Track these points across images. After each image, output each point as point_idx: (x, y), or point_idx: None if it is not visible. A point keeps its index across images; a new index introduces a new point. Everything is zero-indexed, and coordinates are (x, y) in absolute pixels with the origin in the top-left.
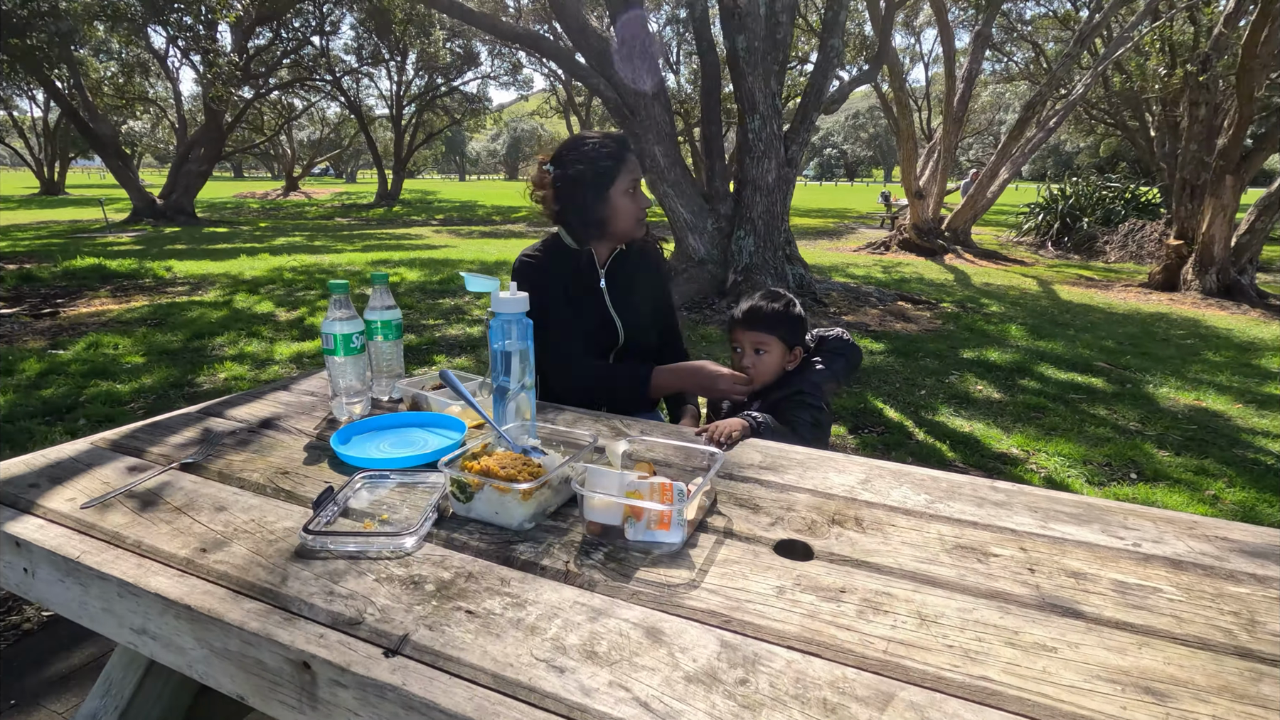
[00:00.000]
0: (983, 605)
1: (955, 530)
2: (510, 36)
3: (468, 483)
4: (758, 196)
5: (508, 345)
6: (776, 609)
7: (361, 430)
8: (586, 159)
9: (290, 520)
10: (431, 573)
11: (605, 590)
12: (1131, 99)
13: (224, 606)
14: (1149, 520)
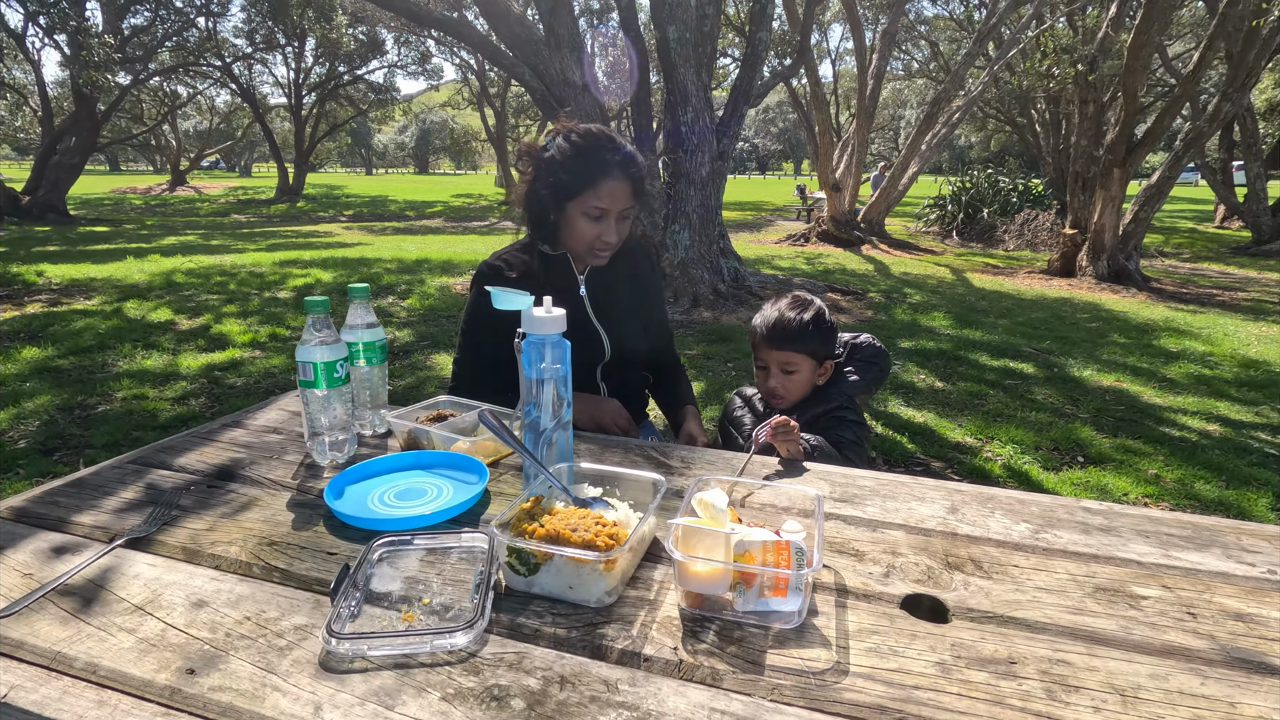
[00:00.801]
0: (1170, 668)
1: (1081, 567)
2: (429, 22)
3: (531, 553)
4: (692, 190)
5: (542, 371)
6: (951, 695)
7: (355, 478)
8: (572, 159)
9: (300, 614)
10: (513, 681)
11: (737, 685)
12: (1020, 97)
13: None
14: (1261, 539)
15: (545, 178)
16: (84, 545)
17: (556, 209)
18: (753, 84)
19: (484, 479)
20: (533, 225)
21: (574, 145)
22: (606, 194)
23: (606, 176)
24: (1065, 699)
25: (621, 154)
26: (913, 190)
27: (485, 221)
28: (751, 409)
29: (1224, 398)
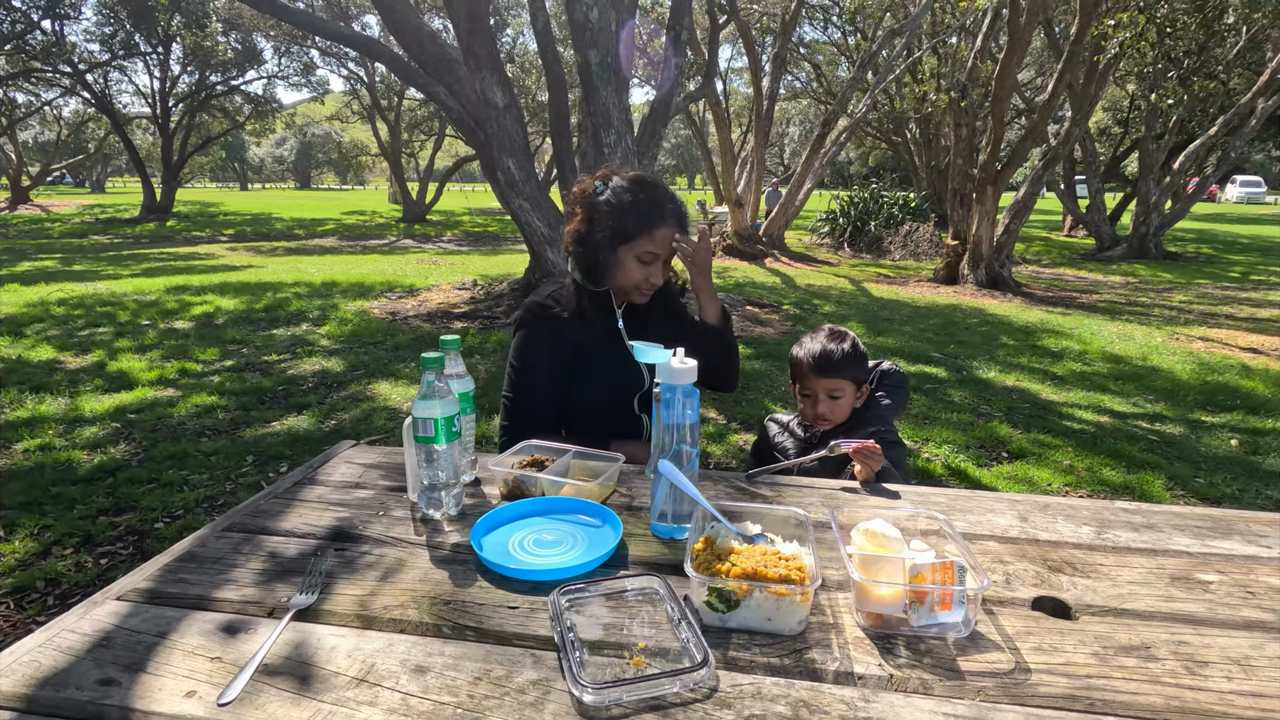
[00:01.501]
0: (1260, 638)
1: (1149, 561)
2: (337, 38)
3: (732, 590)
4: None
5: (682, 417)
6: (1119, 679)
7: (487, 529)
8: (626, 206)
9: (527, 670)
10: (766, 709)
11: (947, 692)
12: (895, 118)
13: None
14: (1266, 525)
15: (602, 221)
16: (249, 621)
17: (609, 251)
18: (670, 106)
19: (613, 523)
20: (583, 265)
21: (631, 193)
22: (660, 240)
23: (661, 224)
24: (1202, 673)
25: (675, 203)
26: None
27: (384, 240)
28: (791, 434)
29: (1105, 391)
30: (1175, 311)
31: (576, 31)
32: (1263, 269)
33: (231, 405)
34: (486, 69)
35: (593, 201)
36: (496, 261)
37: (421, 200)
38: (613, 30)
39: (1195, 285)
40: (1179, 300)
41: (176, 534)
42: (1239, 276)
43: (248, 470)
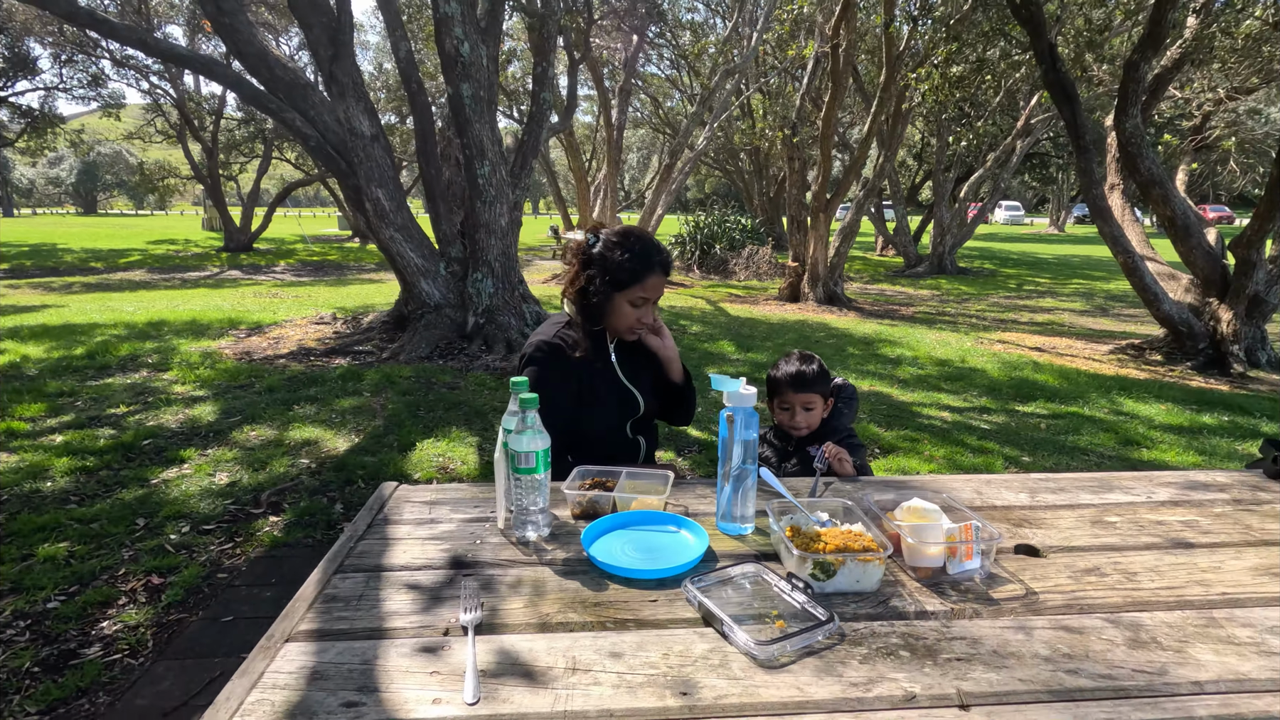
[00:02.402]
0: (1169, 550)
1: (1072, 513)
2: (169, 57)
3: (830, 562)
4: (493, 240)
5: (746, 434)
6: (1090, 590)
7: (589, 543)
8: (618, 258)
9: (700, 643)
10: (885, 643)
11: (995, 614)
12: (729, 149)
13: None
14: (1130, 481)
15: (599, 271)
16: (437, 641)
17: (605, 297)
18: (539, 138)
19: (690, 527)
20: (583, 309)
21: (623, 246)
22: (651, 286)
23: (651, 273)
24: (1135, 580)
25: (663, 254)
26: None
27: (206, 272)
28: (770, 444)
29: (940, 390)
30: (975, 319)
31: (447, 64)
32: (1031, 280)
33: (94, 465)
34: (351, 97)
35: (588, 254)
36: (348, 293)
37: (246, 227)
38: (485, 64)
39: (986, 296)
40: (976, 309)
41: (80, 610)
42: (1015, 287)
43: (142, 533)
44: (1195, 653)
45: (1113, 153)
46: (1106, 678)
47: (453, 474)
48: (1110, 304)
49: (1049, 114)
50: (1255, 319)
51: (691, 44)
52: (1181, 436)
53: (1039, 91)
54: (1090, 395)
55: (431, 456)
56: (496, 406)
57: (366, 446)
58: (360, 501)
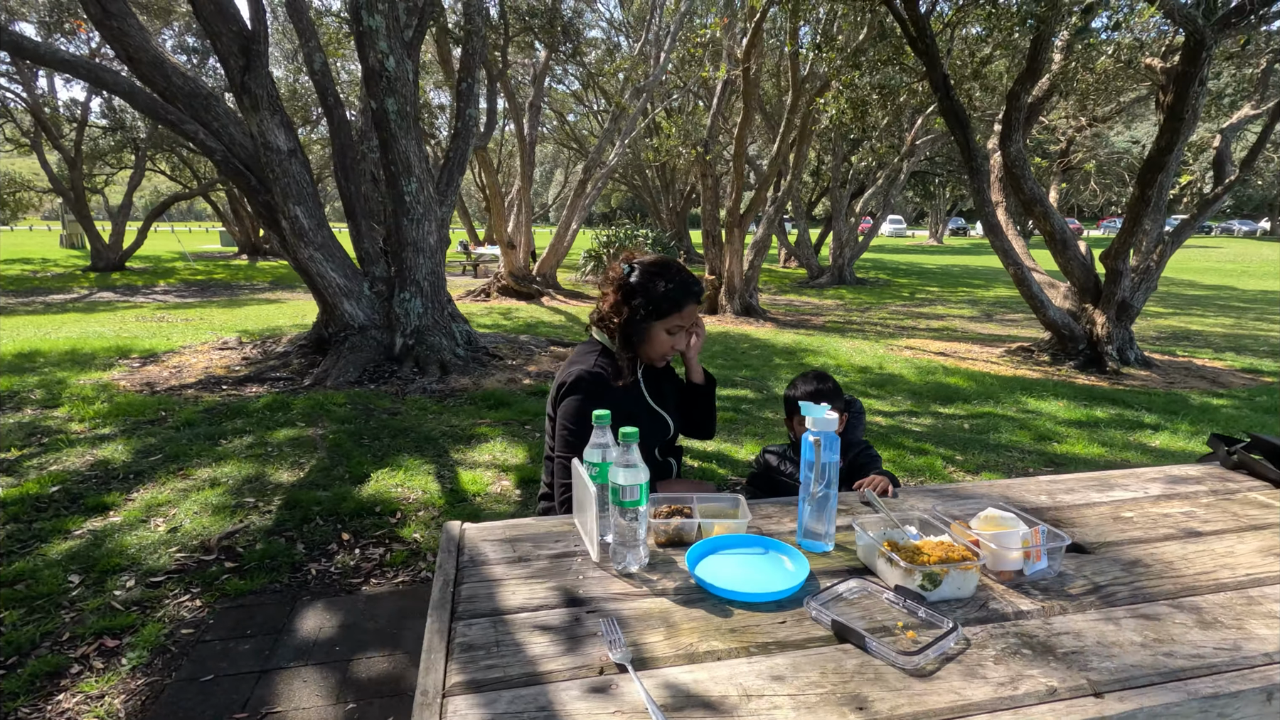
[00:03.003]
0: (1187, 540)
1: (1092, 510)
2: (55, 64)
3: (937, 573)
4: (421, 258)
5: (829, 457)
6: (1143, 575)
7: (695, 570)
8: (659, 288)
9: (848, 659)
10: (1007, 643)
11: (1078, 608)
12: (636, 165)
13: None
14: (1121, 478)
15: (638, 300)
16: (600, 681)
17: (643, 326)
18: (465, 154)
19: (779, 548)
20: (624, 338)
21: (663, 277)
22: (688, 315)
23: (690, 301)
24: (1177, 565)
25: (698, 283)
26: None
27: (71, 294)
28: (791, 460)
29: (868, 396)
30: (880, 326)
31: (371, 78)
32: (922, 289)
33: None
34: (266, 109)
35: (626, 284)
36: (247, 315)
37: (117, 244)
38: (410, 78)
39: (884, 304)
40: (878, 317)
41: (27, 685)
42: (909, 296)
43: (80, 592)
44: (1253, 628)
45: (997, 173)
46: (1197, 657)
47: (418, 504)
48: (994, 309)
49: (930, 135)
50: (1124, 321)
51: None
52: (1083, 430)
53: (920, 115)
54: (999, 395)
55: (390, 488)
56: (445, 432)
57: (316, 480)
58: (323, 540)
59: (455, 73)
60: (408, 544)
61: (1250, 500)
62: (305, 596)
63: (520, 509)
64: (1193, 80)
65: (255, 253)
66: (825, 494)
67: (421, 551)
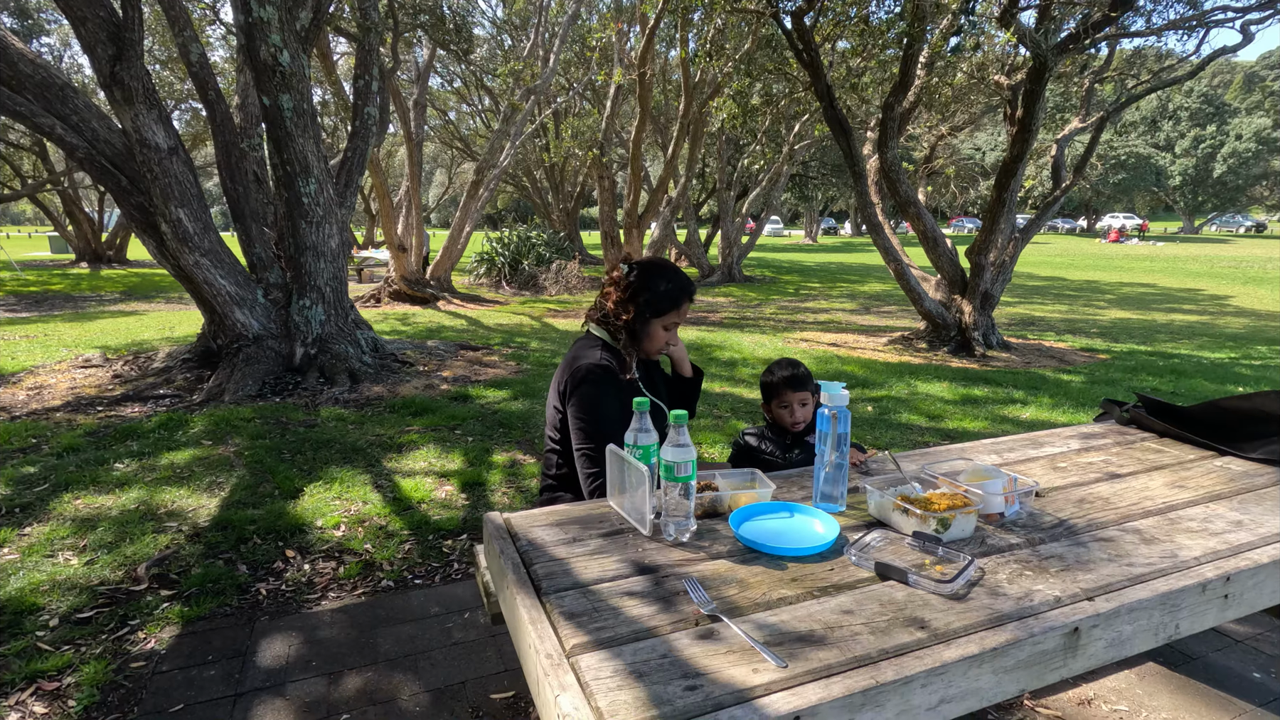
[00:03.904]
0: (1113, 480)
1: (1033, 464)
2: None
3: (947, 518)
4: (322, 263)
5: (843, 428)
6: (1089, 508)
7: (741, 532)
8: (661, 287)
9: (896, 592)
10: (1013, 568)
11: (1051, 536)
12: (525, 166)
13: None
14: (1047, 438)
15: (641, 299)
16: (701, 630)
17: (644, 323)
18: (365, 154)
19: (805, 510)
20: (629, 334)
21: (665, 276)
22: (684, 311)
23: (687, 298)
24: (1112, 503)
25: (692, 283)
26: (437, 244)
27: None
28: (771, 440)
29: None
30: (771, 321)
31: (263, 74)
32: (805, 285)
33: None
34: (141, 103)
35: (630, 283)
36: (103, 329)
37: None
38: (306, 73)
39: (773, 300)
40: (768, 312)
41: None
42: (794, 292)
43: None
44: (1181, 540)
45: (873, 177)
46: (1149, 565)
47: (361, 515)
48: (871, 303)
49: (807, 141)
50: (987, 310)
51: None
52: (968, 408)
53: (797, 121)
54: (891, 380)
55: (327, 501)
56: (372, 441)
57: (243, 499)
58: (266, 559)
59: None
60: (359, 555)
61: (1147, 448)
62: (263, 617)
63: (470, 511)
64: (1038, 97)
65: (98, 260)
66: (840, 462)
67: (377, 562)
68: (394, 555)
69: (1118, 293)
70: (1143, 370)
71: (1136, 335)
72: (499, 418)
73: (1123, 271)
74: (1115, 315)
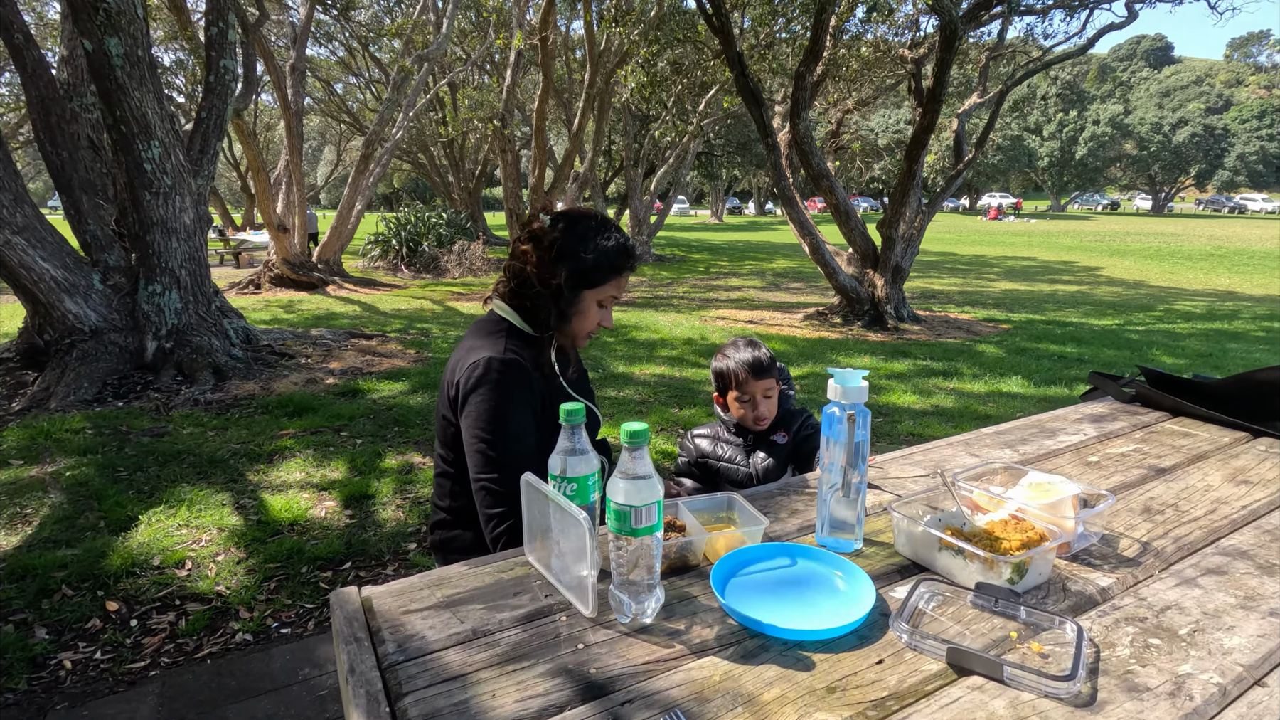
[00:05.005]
0: (1164, 479)
1: (1059, 456)
2: None
3: (1024, 563)
4: (174, 241)
5: (862, 435)
6: (1176, 524)
7: (736, 607)
8: (598, 246)
9: (993, 698)
10: (1118, 621)
11: (1159, 567)
12: (421, 142)
13: None
14: (1059, 421)
15: (571, 263)
16: None
17: (571, 296)
18: (224, 115)
19: (811, 554)
20: (538, 311)
21: (602, 233)
22: (624, 283)
23: (628, 268)
24: (1185, 512)
25: (635, 245)
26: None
27: None
28: (727, 442)
29: (700, 367)
30: (685, 300)
31: (82, 11)
32: (715, 264)
33: None
34: None
35: (553, 239)
36: None
37: None
38: (139, 13)
39: (684, 279)
40: (681, 291)
41: None
42: (704, 270)
43: None
44: None
45: (785, 150)
46: None
47: (214, 547)
48: (779, 280)
49: (713, 117)
50: (898, 283)
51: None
52: (894, 382)
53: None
54: (815, 356)
55: (170, 530)
56: (236, 450)
57: (54, 536)
58: (78, 618)
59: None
60: (208, 601)
61: (1170, 431)
62: (60, 705)
63: (355, 532)
64: (949, 66)
65: None
66: (860, 484)
67: (231, 608)
68: (254, 597)
69: (1004, 266)
70: (1045, 338)
71: (1028, 305)
72: (394, 414)
73: (1005, 246)
74: (1005, 287)
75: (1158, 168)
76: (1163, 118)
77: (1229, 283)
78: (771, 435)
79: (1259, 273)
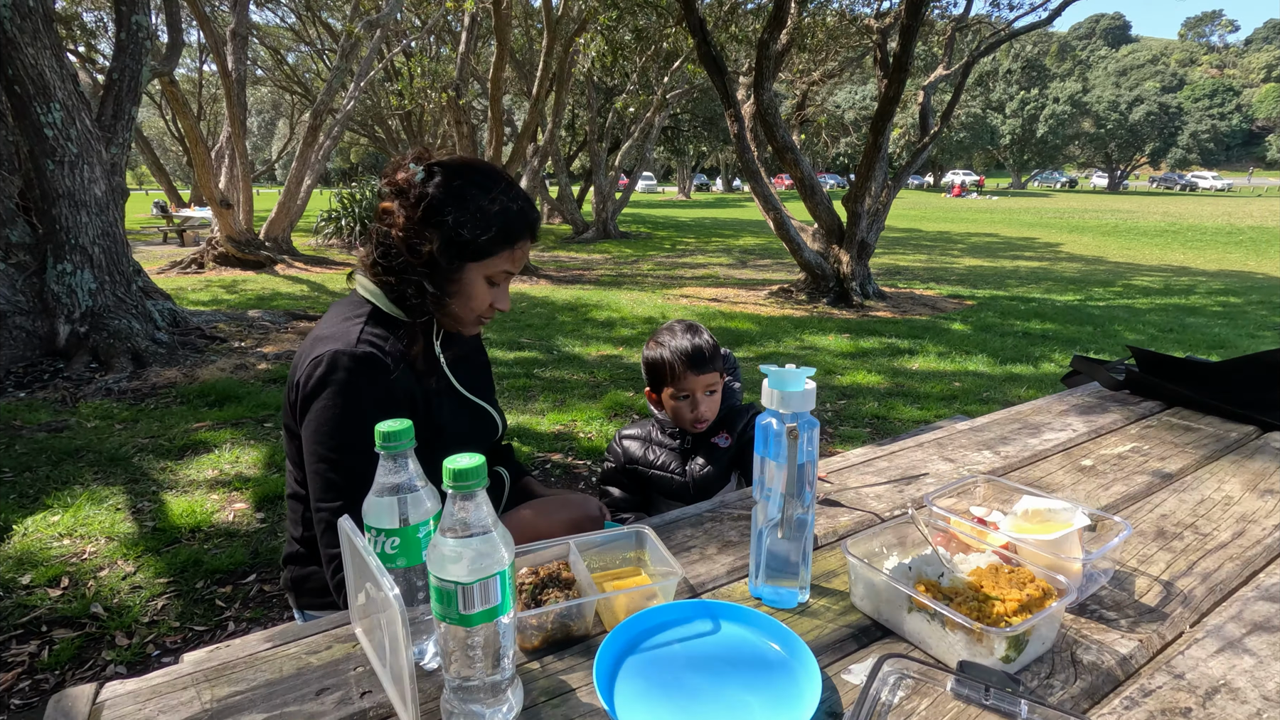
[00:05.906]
0: (1175, 490)
1: (1041, 452)
2: None
3: (1023, 635)
4: (84, 216)
5: (810, 453)
6: (1201, 552)
7: (615, 711)
8: (483, 205)
9: None
10: (1169, 707)
11: (1191, 622)
12: (378, 115)
13: None
14: (1041, 415)
15: (448, 226)
16: None
17: (450, 271)
18: (139, 77)
19: (739, 615)
20: (403, 290)
21: (485, 188)
22: (520, 256)
23: (525, 236)
24: (1210, 536)
25: (535, 208)
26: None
27: None
28: (661, 445)
29: None
30: (650, 277)
31: None
32: (681, 241)
33: None
34: None
35: (422, 193)
36: None
37: None
38: None
39: (649, 256)
40: (646, 269)
41: None
42: (670, 247)
43: None
44: None
45: (749, 122)
46: None
47: (100, 559)
48: (746, 257)
49: (679, 90)
50: (863, 259)
51: None
52: (859, 360)
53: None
54: (779, 335)
55: (49, 541)
56: (144, 445)
57: None
58: None
59: None
60: (80, 627)
61: (1169, 424)
62: None
63: (265, 536)
64: (915, 33)
65: None
66: (805, 516)
67: (108, 634)
68: (136, 620)
69: (967, 242)
70: (1011, 314)
71: (991, 281)
72: None
73: (968, 223)
74: (969, 263)
75: (1114, 146)
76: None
77: (1183, 258)
78: (713, 437)
79: (1211, 248)
